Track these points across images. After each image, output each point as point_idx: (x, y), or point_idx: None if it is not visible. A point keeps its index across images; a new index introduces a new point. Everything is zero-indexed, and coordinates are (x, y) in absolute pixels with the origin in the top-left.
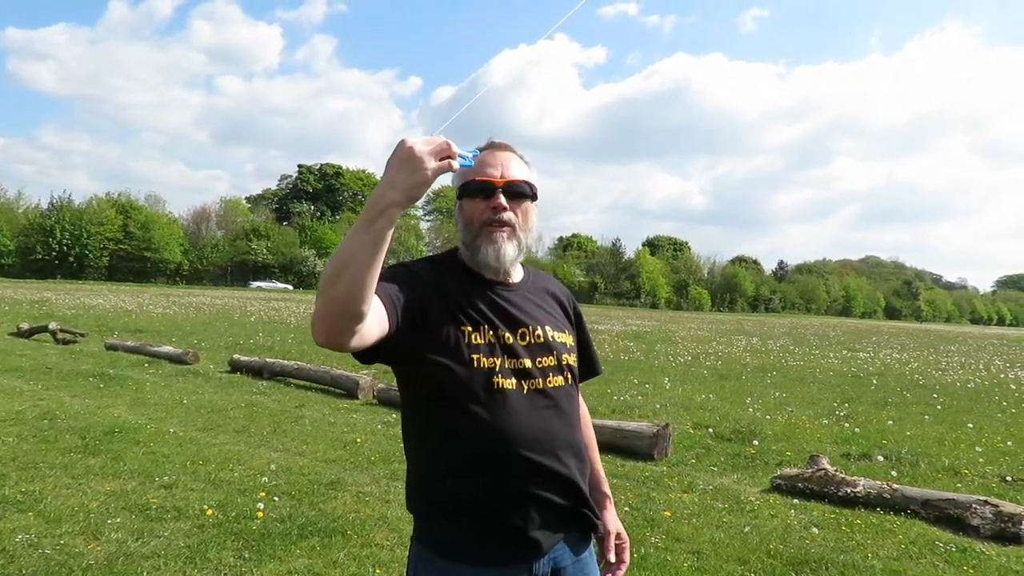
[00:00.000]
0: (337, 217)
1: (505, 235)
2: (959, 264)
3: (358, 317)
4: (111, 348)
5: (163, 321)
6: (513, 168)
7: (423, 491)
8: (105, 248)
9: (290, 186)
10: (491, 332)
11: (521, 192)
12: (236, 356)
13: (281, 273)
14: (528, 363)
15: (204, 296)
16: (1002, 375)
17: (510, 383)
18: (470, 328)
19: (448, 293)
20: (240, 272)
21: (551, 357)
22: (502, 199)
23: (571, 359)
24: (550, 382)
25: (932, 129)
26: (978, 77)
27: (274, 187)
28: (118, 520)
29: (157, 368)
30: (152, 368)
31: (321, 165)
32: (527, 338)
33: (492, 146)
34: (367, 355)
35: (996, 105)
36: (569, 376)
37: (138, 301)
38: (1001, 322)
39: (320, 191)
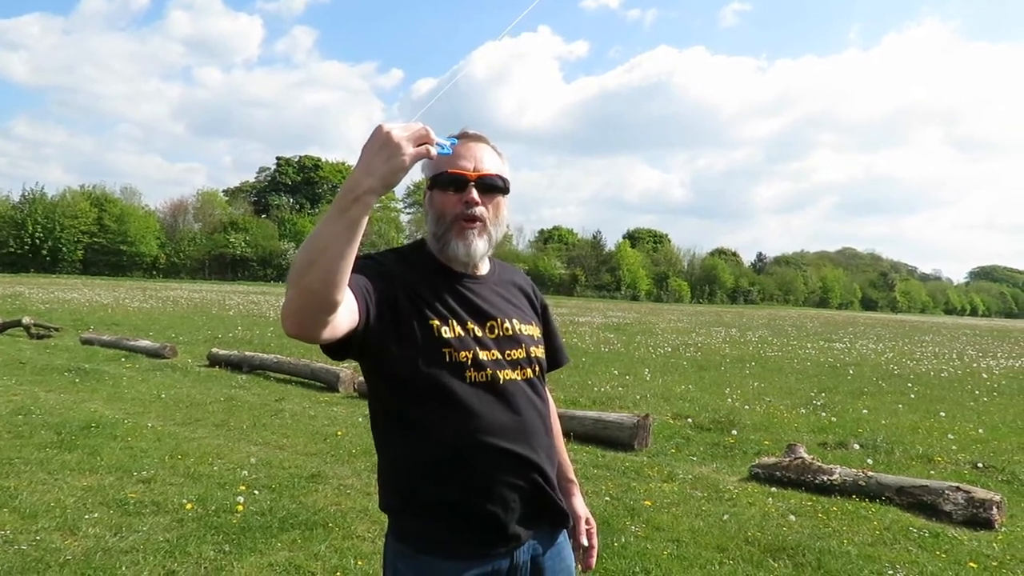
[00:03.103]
0: (316, 210)
1: (476, 230)
2: (934, 255)
3: (331, 307)
4: (87, 343)
5: (140, 315)
6: (486, 161)
7: (398, 487)
8: (79, 241)
9: (268, 179)
10: (460, 326)
11: (494, 186)
12: (214, 350)
13: (260, 267)
14: (498, 356)
15: (181, 290)
16: (974, 364)
17: (481, 376)
18: (438, 322)
19: (416, 286)
20: (218, 265)
21: (520, 350)
22: (475, 193)
23: (538, 351)
24: (520, 374)
25: (909, 122)
26: (954, 71)
27: (252, 179)
28: (95, 515)
29: (134, 362)
30: (129, 363)
31: (300, 157)
32: (496, 331)
33: (466, 137)
34: (337, 349)
35: (971, 99)
36: (537, 368)
37: (114, 295)
38: (974, 312)
39: (299, 183)
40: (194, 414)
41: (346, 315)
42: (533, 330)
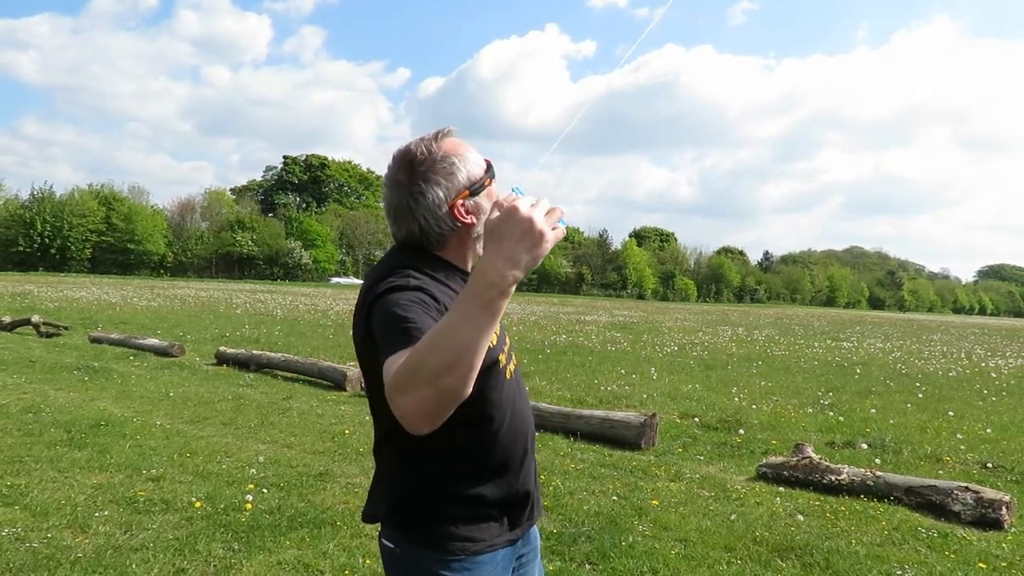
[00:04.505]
0: (322, 208)
1: None
2: (941, 255)
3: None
4: (95, 341)
5: (147, 314)
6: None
7: (463, 498)
8: (88, 240)
9: (275, 177)
10: None
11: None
12: (222, 348)
13: (266, 265)
14: (507, 347)
15: (189, 288)
16: (983, 364)
17: (509, 372)
18: None
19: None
20: (225, 264)
21: (508, 338)
22: None
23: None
24: (516, 362)
25: (917, 121)
26: (962, 70)
27: (259, 178)
28: (105, 513)
29: (142, 361)
30: (137, 361)
31: (307, 156)
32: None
33: (454, 133)
34: None
35: (979, 98)
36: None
37: (122, 293)
38: (982, 311)
39: (305, 182)
40: (202, 412)
41: None
42: None
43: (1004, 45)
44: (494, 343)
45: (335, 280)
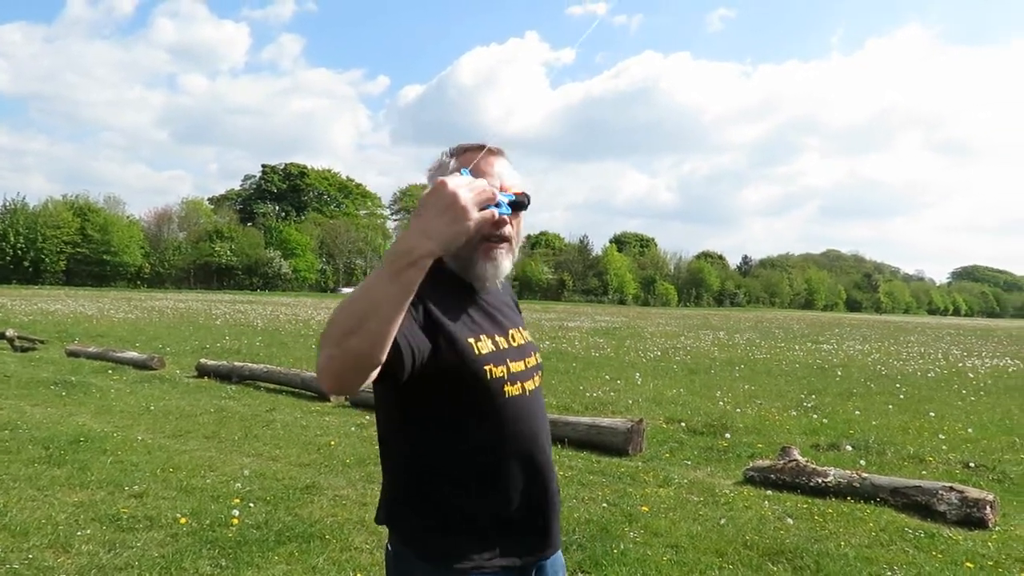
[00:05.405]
0: (302, 217)
1: (504, 251)
2: (916, 257)
3: (376, 366)
4: (72, 355)
5: (125, 326)
6: (508, 178)
7: (442, 505)
8: (62, 252)
9: (254, 186)
10: (491, 340)
11: (520, 205)
12: (203, 360)
13: (245, 275)
14: (521, 366)
15: (167, 300)
16: (960, 364)
17: (516, 388)
18: (474, 340)
19: (446, 304)
20: (203, 274)
21: (531, 357)
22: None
23: (539, 357)
24: (534, 383)
25: (892, 127)
26: (935, 77)
27: (238, 187)
28: (88, 532)
29: (121, 375)
30: (116, 375)
31: (286, 165)
32: (516, 340)
33: (484, 150)
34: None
35: (951, 104)
36: (540, 375)
37: (98, 306)
38: (957, 312)
39: (285, 191)
40: (184, 426)
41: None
42: (530, 337)
43: (976, 52)
44: (486, 352)
45: (344, 291)
